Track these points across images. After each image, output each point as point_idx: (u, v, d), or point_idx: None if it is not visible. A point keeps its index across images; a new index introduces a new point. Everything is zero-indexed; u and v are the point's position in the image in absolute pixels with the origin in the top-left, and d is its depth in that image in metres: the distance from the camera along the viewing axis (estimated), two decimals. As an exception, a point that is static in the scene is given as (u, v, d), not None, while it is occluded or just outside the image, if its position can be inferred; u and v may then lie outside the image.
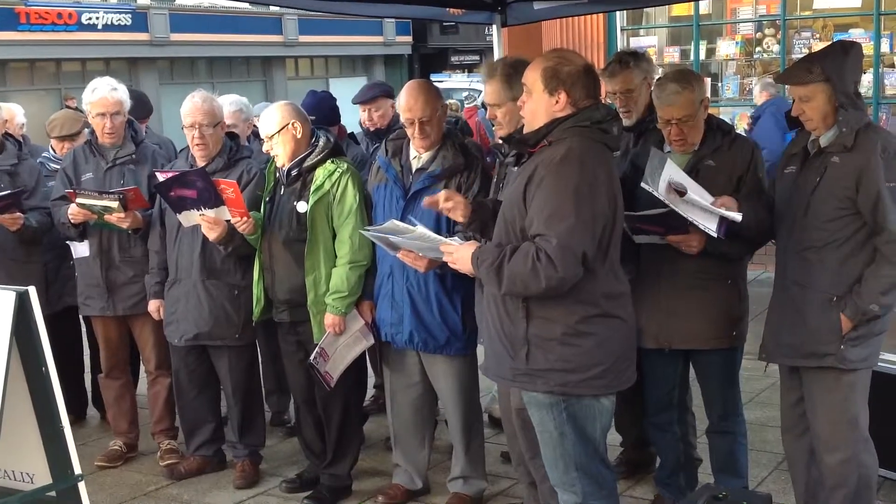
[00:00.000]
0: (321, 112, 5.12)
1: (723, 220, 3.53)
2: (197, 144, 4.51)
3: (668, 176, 3.54)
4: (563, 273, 2.97)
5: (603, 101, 3.27)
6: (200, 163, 4.54)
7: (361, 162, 4.95)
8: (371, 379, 5.21)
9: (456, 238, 3.62)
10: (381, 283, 4.23)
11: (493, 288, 3.15)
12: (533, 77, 3.19)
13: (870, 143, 3.36)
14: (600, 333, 3.13)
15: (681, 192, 3.50)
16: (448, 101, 8.66)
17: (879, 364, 3.71)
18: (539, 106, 3.18)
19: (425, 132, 4.06)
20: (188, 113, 4.51)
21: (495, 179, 3.97)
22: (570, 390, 3.14)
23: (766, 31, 10.37)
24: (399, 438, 4.48)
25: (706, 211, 3.52)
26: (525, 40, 7.32)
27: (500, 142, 3.94)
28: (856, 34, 9.51)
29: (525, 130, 3.28)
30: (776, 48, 10.21)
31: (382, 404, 4.98)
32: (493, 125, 4.04)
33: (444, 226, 3.98)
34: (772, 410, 5.36)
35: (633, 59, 4.35)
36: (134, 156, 4.87)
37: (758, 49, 10.46)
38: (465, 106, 14.78)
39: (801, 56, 9.40)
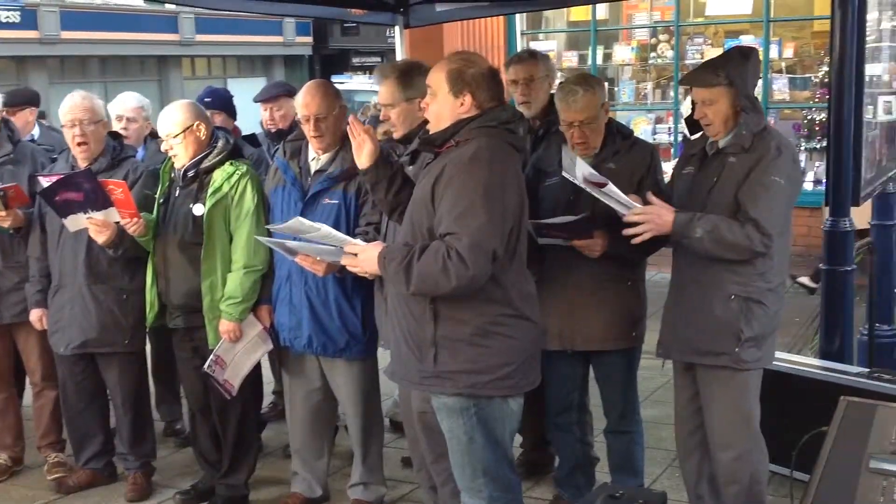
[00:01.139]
0: (218, 103, 5.05)
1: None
2: (78, 143, 4.35)
3: (582, 171, 3.59)
4: (474, 271, 2.96)
5: (507, 103, 3.28)
6: (82, 164, 4.38)
7: (258, 163, 4.86)
8: (269, 385, 5.12)
9: (359, 239, 3.58)
10: (280, 287, 4.16)
11: (402, 288, 3.11)
12: (438, 79, 3.17)
13: (765, 144, 3.45)
14: (509, 333, 3.13)
15: (600, 185, 3.53)
16: (369, 102, 8.63)
17: (768, 361, 3.81)
18: (444, 107, 3.16)
19: (320, 129, 3.99)
20: (67, 111, 4.35)
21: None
22: (478, 391, 3.12)
23: (661, 37, 10.61)
24: (298, 446, 4.41)
25: (622, 204, 3.55)
26: (426, 42, 7.32)
27: (395, 142, 3.93)
28: (746, 40, 9.82)
29: (431, 131, 3.25)
30: (670, 54, 10.46)
31: (281, 411, 4.90)
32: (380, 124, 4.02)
33: (343, 230, 3.93)
34: (666, 409, 5.46)
35: (540, 55, 4.50)
36: (12, 155, 4.66)
37: (653, 54, 10.69)
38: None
39: (693, 62, 9.67)
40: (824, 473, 2.71)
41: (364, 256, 3.22)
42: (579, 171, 3.60)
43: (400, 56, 5.62)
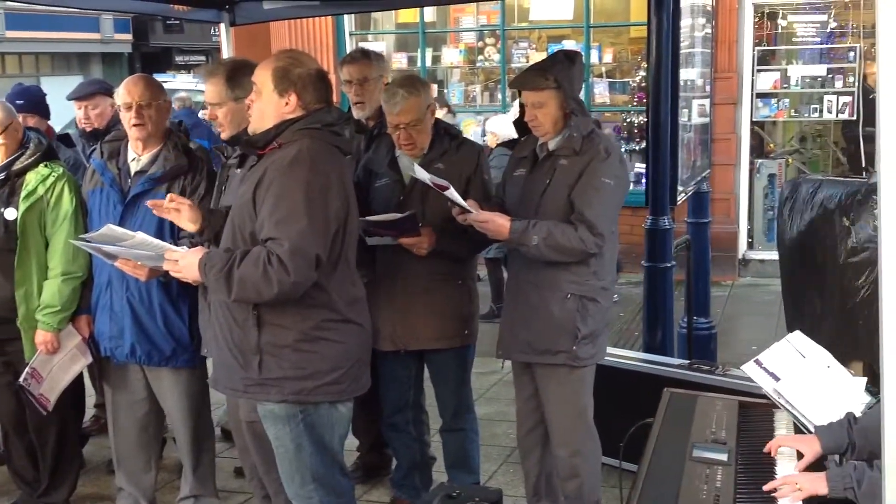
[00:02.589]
0: (30, 105, 4.76)
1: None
2: None
3: (422, 175, 3.59)
4: (296, 277, 2.89)
5: (334, 105, 3.22)
6: None
7: (74, 165, 4.61)
8: (91, 398, 4.88)
9: (182, 245, 3.44)
10: (100, 295, 3.95)
11: (223, 295, 3.01)
12: (263, 76, 3.09)
13: (594, 146, 3.54)
14: (336, 338, 3.08)
15: (442, 188, 3.52)
16: (181, 95, 8.33)
17: (598, 357, 3.91)
18: (268, 106, 3.08)
19: (142, 118, 3.79)
20: None
21: (217, 182, 3.81)
22: (305, 398, 3.06)
23: (488, 41, 10.79)
24: (122, 460, 4.20)
25: (453, 200, 3.55)
26: (253, 42, 7.16)
27: (223, 143, 3.80)
28: (568, 45, 10.09)
29: (252, 130, 3.16)
30: (497, 57, 10.65)
31: (104, 424, 4.65)
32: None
33: (167, 233, 3.78)
34: (501, 405, 5.57)
35: (374, 54, 4.45)
36: None
37: (480, 57, 10.86)
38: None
39: (519, 65, 9.88)
40: (651, 463, 2.81)
41: (184, 263, 3.10)
42: (420, 174, 3.61)
43: (226, 55, 5.47)
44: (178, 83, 21.22)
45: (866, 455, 2.77)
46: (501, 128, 7.59)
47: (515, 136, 4.11)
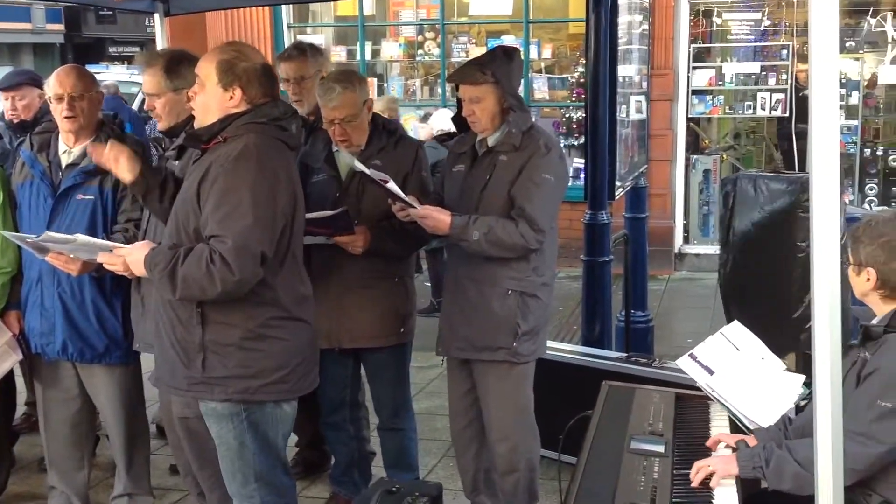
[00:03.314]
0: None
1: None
2: None
3: (362, 170, 3.57)
4: (240, 275, 2.83)
5: (280, 99, 3.17)
6: None
7: (2, 156, 4.49)
8: (22, 395, 4.77)
9: (116, 239, 3.37)
10: (30, 290, 3.85)
11: (168, 293, 2.94)
12: (207, 69, 3.02)
13: (534, 142, 3.54)
14: (282, 336, 3.03)
15: (383, 181, 3.50)
16: (107, 82, 8.17)
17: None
18: (212, 100, 3.01)
19: (74, 110, 3.70)
20: None
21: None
22: (250, 397, 3.01)
23: (427, 35, 10.78)
24: (54, 458, 4.11)
25: (406, 201, 3.53)
26: (188, 33, 7.05)
27: (160, 134, 3.74)
28: (508, 40, 10.15)
29: (197, 124, 3.10)
30: (437, 51, 10.65)
31: (35, 422, 4.55)
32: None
33: (99, 227, 3.70)
34: (440, 400, 5.56)
35: (311, 50, 4.37)
36: None
37: (420, 51, 10.84)
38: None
39: (459, 60, 9.88)
40: (589, 456, 2.83)
41: (130, 259, 3.03)
42: (359, 167, 3.58)
43: (161, 46, 5.36)
44: (111, 75, 20.84)
45: None
46: (440, 122, 7.59)
47: (452, 129, 4.10)
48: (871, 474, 2.61)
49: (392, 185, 3.49)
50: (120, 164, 3.25)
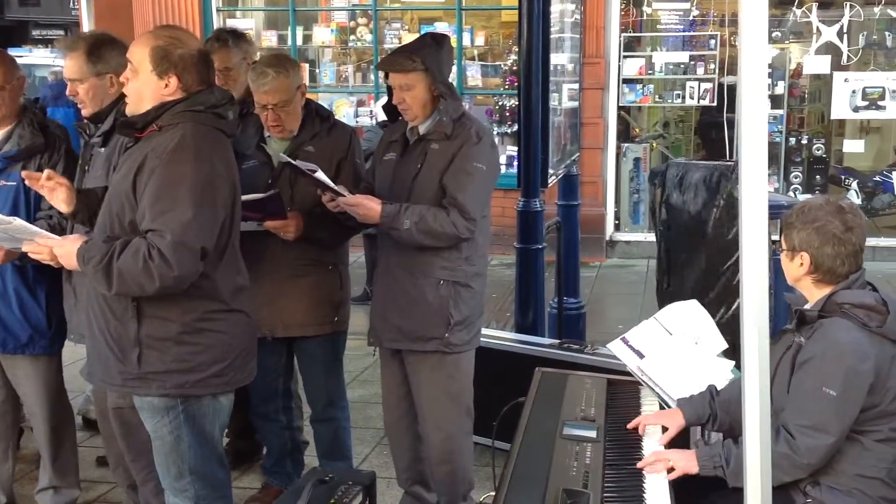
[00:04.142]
0: None
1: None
2: None
3: (287, 159, 3.54)
4: (179, 271, 2.76)
5: (216, 85, 3.10)
6: None
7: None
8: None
9: (39, 225, 3.27)
10: (-51, 279, 3.74)
11: (103, 288, 2.85)
12: (141, 55, 2.92)
13: (465, 130, 3.52)
14: (221, 329, 2.97)
15: (311, 171, 3.47)
16: (56, 69, 7.94)
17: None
18: (146, 87, 2.93)
19: None
20: None
21: (80, 161, 3.65)
22: (188, 391, 2.96)
23: (360, 21, 10.71)
24: (-24, 452, 4.00)
25: (334, 190, 3.50)
26: (114, 16, 6.90)
27: (86, 121, 3.64)
28: (441, 27, 10.14)
29: (129, 111, 3.00)
30: (369, 37, 10.58)
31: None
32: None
33: (22, 215, 3.59)
34: (374, 388, 5.55)
35: (233, 38, 4.27)
36: None
37: (352, 37, 10.77)
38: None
39: (392, 46, 9.84)
40: (523, 442, 2.85)
41: (61, 252, 2.93)
42: (284, 159, 3.54)
43: (87, 29, 5.23)
44: (34, 58, 20.31)
45: (727, 426, 2.89)
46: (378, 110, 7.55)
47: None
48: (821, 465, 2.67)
49: (320, 175, 3.45)
50: (56, 194, 3.14)
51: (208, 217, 2.83)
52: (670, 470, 2.70)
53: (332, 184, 3.48)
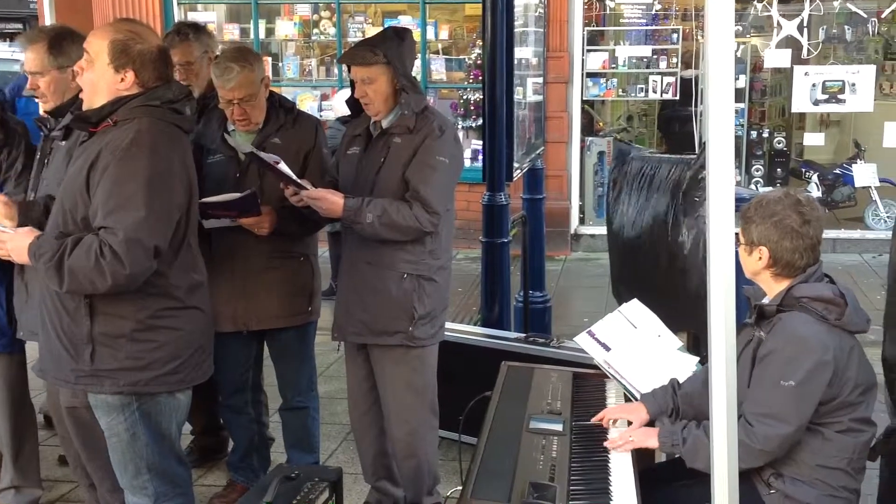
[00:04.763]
0: None
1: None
2: None
3: (249, 149, 3.51)
4: (132, 269, 2.73)
5: (174, 81, 3.06)
6: None
7: None
8: None
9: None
10: None
11: (55, 285, 2.80)
12: (98, 47, 2.88)
13: (428, 124, 3.51)
14: (176, 326, 2.94)
15: (275, 162, 3.44)
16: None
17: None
18: (101, 80, 2.89)
19: None
20: None
21: (38, 155, 3.59)
22: (142, 389, 2.92)
23: (323, 14, 10.64)
24: (-65, 452, 3.94)
25: (298, 183, 3.47)
26: (74, 10, 6.79)
27: (45, 114, 3.58)
28: (404, 21, 10.10)
29: (85, 104, 2.96)
30: (332, 31, 10.52)
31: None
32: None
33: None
34: (341, 383, 5.53)
35: (193, 32, 4.23)
36: None
37: (315, 31, 10.70)
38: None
39: (356, 39, 9.79)
40: (489, 436, 2.85)
41: (12, 246, 2.88)
42: (246, 149, 3.51)
43: (47, 22, 5.16)
44: (-8, 52, 19.96)
45: (691, 418, 2.91)
46: (342, 103, 7.50)
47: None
48: (779, 455, 2.69)
49: (283, 167, 3.43)
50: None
51: (162, 215, 2.80)
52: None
53: (294, 176, 3.46)
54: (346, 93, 3.95)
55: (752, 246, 2.80)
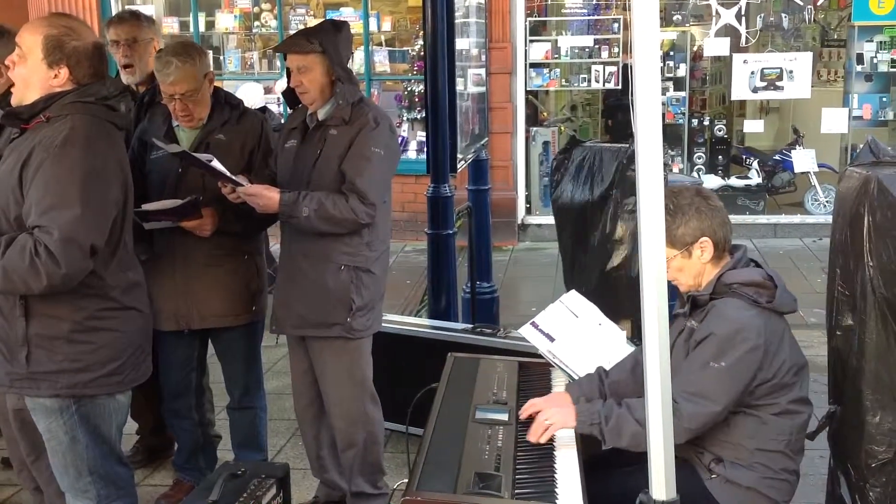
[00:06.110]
0: None
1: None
2: None
3: (178, 150, 3.47)
4: (67, 269, 2.69)
5: (109, 78, 3.01)
6: None
7: None
8: None
9: None
10: None
11: None
12: (32, 42, 2.83)
13: (363, 115, 3.52)
14: (114, 327, 2.91)
15: (207, 160, 3.41)
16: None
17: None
18: (34, 75, 2.84)
19: None
20: None
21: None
22: (80, 391, 2.88)
23: (264, 6, 10.54)
24: None
25: (233, 180, 3.45)
26: (7, 4, 6.65)
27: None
28: (346, 13, 10.04)
29: (15, 99, 2.90)
30: (274, 23, 10.43)
31: None
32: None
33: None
34: (287, 379, 5.48)
35: (144, 16, 4.26)
36: None
37: (256, 24, 10.59)
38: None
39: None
40: (435, 427, 2.86)
41: None
42: (174, 149, 3.48)
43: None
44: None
45: None
46: (248, 96, 7.44)
47: (260, 105, 4.02)
48: (703, 433, 2.73)
49: (216, 164, 3.41)
50: None
51: (98, 213, 2.76)
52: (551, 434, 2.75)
53: (228, 173, 3.44)
54: (250, 86, 3.94)
55: (691, 246, 2.82)
